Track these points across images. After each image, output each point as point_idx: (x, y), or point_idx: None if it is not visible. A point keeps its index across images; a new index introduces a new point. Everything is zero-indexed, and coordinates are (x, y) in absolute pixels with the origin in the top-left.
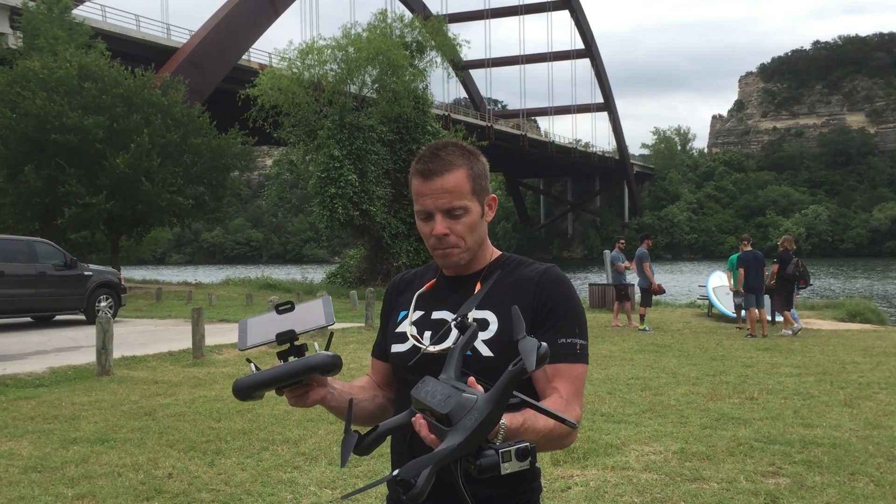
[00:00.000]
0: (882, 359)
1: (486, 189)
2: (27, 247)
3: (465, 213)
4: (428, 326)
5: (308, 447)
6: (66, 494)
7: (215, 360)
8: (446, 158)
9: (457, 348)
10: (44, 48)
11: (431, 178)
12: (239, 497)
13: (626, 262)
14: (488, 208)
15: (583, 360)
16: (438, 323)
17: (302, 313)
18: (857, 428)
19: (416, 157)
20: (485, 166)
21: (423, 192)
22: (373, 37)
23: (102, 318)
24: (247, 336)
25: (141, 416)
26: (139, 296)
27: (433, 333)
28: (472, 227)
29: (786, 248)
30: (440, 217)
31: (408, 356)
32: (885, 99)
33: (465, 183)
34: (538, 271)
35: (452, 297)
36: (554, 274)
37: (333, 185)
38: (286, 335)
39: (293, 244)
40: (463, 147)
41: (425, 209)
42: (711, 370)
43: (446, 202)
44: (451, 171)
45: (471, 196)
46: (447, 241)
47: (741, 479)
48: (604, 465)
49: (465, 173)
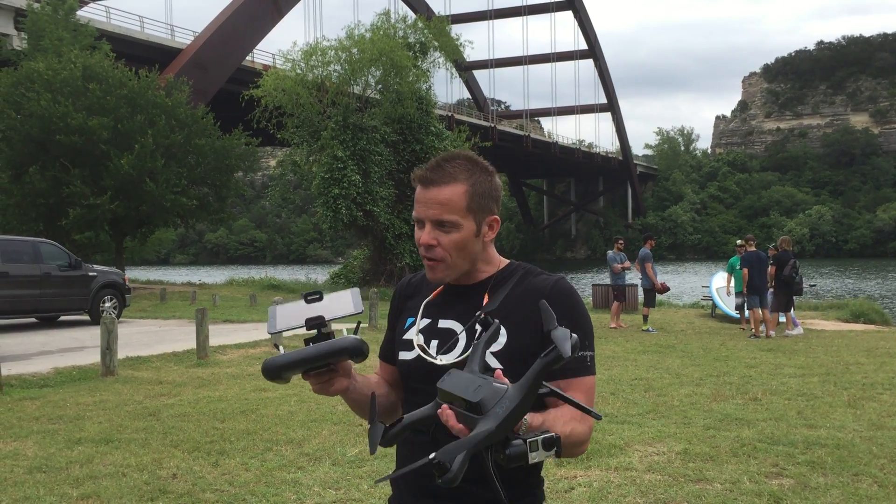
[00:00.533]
0: (886, 359)
1: (488, 209)
2: (32, 247)
3: (454, 228)
4: (435, 335)
5: (312, 448)
6: (70, 495)
7: (219, 361)
8: (448, 171)
9: (480, 344)
10: (48, 49)
11: (428, 188)
12: (243, 497)
13: (627, 263)
14: (488, 228)
15: (592, 371)
16: (445, 332)
17: (330, 302)
18: (861, 429)
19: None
20: (492, 185)
21: (419, 199)
22: (376, 38)
23: (107, 318)
24: (276, 320)
25: (145, 416)
26: (143, 296)
27: (440, 343)
28: (461, 244)
29: (784, 248)
30: (429, 227)
31: (414, 365)
32: (889, 99)
33: (460, 198)
34: (548, 283)
35: (459, 306)
36: (564, 286)
37: (337, 186)
38: (315, 320)
39: (297, 245)
40: (474, 163)
41: (418, 216)
42: (715, 371)
43: (436, 213)
44: (448, 184)
45: (464, 213)
46: (433, 252)
47: (745, 480)
48: (607, 465)
49: (463, 189)
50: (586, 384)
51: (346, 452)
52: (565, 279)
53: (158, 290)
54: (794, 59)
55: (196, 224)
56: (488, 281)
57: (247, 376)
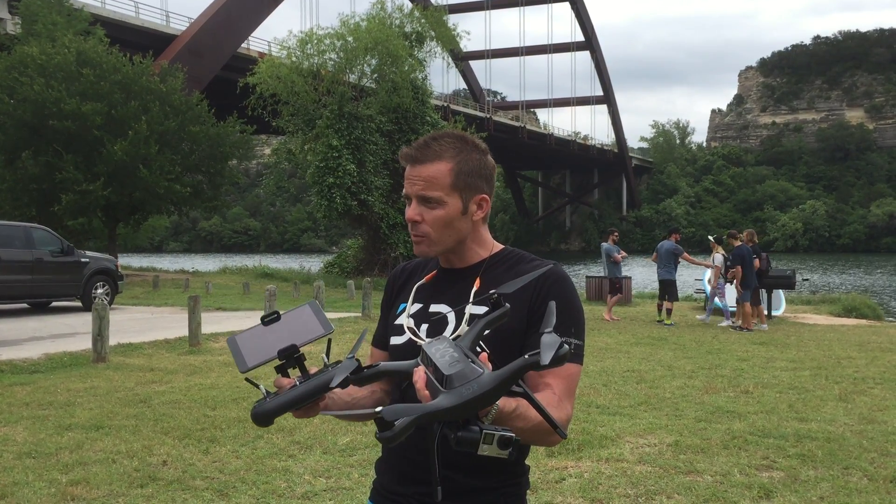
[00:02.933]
0: (877, 354)
1: (476, 187)
2: (24, 233)
3: (438, 205)
4: (425, 319)
5: (303, 436)
6: (60, 480)
7: (211, 349)
8: (434, 148)
9: (482, 321)
10: (42, 34)
11: (414, 165)
12: (233, 485)
13: (623, 253)
14: (476, 207)
15: (577, 360)
16: (435, 315)
17: (293, 322)
18: (852, 422)
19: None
20: (481, 164)
21: (407, 176)
22: (372, 26)
23: (99, 304)
24: (243, 356)
25: (136, 403)
26: (136, 283)
27: (430, 327)
28: (445, 221)
29: (754, 241)
30: (414, 203)
31: (405, 348)
32: (884, 95)
33: (445, 176)
34: (541, 271)
35: (450, 290)
36: (556, 272)
37: (332, 175)
38: (288, 350)
39: (291, 233)
40: (464, 141)
41: (406, 193)
42: (707, 363)
43: (420, 189)
44: (433, 161)
45: (450, 190)
46: (419, 228)
47: (735, 472)
48: (598, 456)
49: (448, 166)
50: (568, 370)
51: (336, 441)
52: (559, 266)
53: (151, 278)
54: (790, 53)
55: (190, 212)
56: (480, 265)
57: None
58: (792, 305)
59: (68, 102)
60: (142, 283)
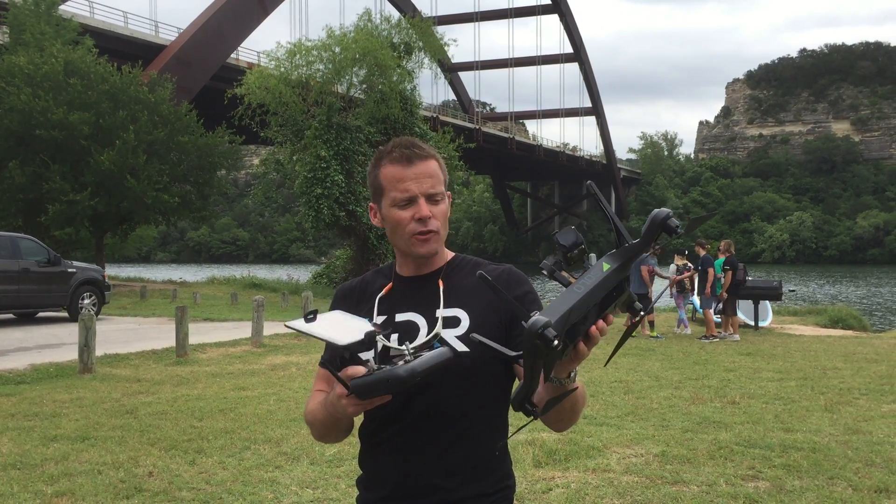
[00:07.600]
0: (863, 365)
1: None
2: (10, 243)
3: (441, 200)
4: (394, 329)
5: (290, 447)
6: (45, 492)
7: (199, 359)
8: (424, 147)
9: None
10: (30, 43)
11: (414, 163)
12: (220, 496)
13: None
14: (450, 202)
15: None
16: (405, 324)
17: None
18: (837, 433)
19: (381, 153)
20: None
21: (406, 176)
22: (359, 37)
23: (85, 315)
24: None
25: (122, 414)
26: (123, 294)
27: (400, 335)
28: (446, 216)
29: (732, 252)
30: (423, 200)
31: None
32: (869, 107)
33: (440, 172)
34: (499, 270)
35: (416, 297)
36: (515, 272)
37: (320, 186)
38: (371, 335)
39: (280, 244)
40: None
41: (409, 193)
42: (694, 374)
43: (430, 185)
44: (429, 158)
45: (443, 186)
46: (430, 224)
47: (721, 483)
48: (585, 467)
49: (438, 164)
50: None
51: (324, 452)
52: (515, 267)
53: (139, 288)
54: (776, 66)
55: (178, 222)
56: (439, 271)
57: (226, 375)
58: (778, 316)
59: (56, 112)
60: (129, 293)
